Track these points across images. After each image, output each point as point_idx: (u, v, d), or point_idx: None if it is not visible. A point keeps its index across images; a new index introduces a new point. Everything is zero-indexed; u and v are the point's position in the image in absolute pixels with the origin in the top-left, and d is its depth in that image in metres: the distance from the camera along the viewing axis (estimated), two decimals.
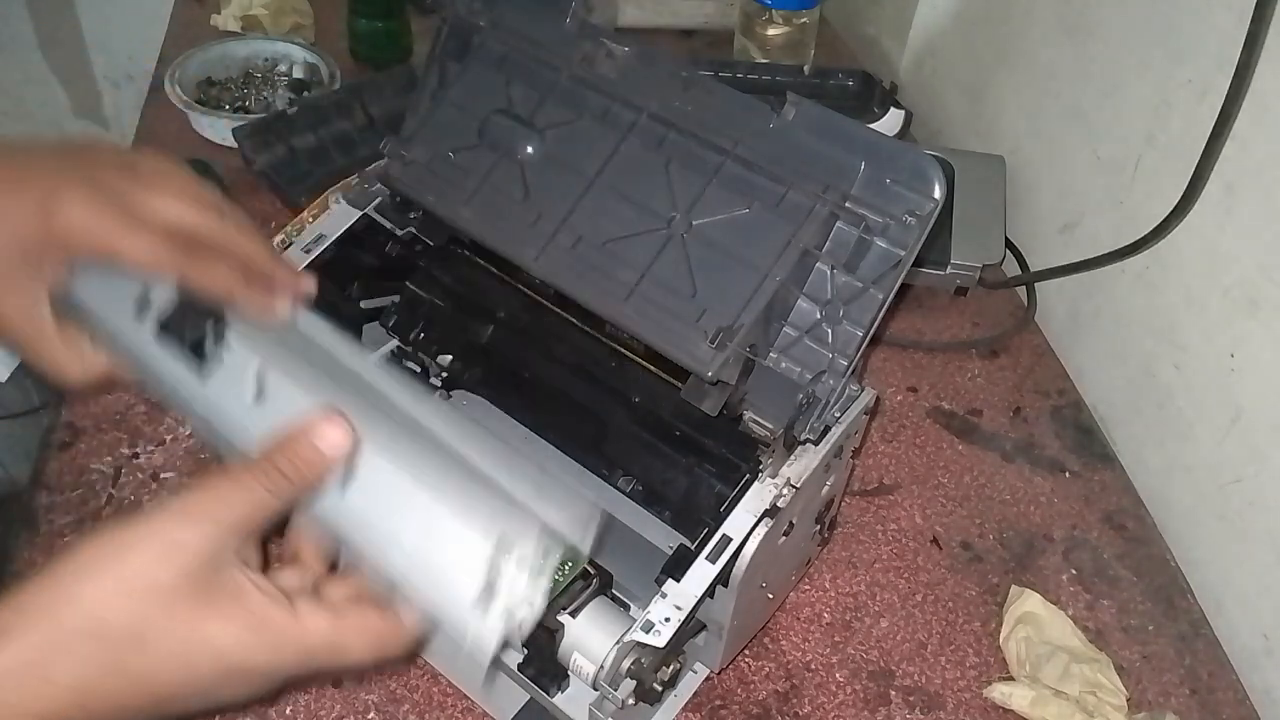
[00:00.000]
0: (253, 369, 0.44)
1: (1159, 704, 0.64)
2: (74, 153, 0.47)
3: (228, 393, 0.44)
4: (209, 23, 1.13)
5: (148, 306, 0.46)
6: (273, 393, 0.44)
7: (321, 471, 0.40)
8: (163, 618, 0.36)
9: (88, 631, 0.35)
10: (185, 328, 0.46)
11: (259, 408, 0.44)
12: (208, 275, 0.45)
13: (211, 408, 0.45)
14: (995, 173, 0.92)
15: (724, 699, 0.61)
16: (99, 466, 0.68)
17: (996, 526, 0.73)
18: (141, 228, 0.45)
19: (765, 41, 1.17)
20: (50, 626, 0.35)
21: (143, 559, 0.37)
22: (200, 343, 0.46)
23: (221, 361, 0.45)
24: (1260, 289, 0.67)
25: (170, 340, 0.46)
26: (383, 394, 0.45)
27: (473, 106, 0.58)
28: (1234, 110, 0.65)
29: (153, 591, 0.36)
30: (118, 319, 0.47)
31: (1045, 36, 0.92)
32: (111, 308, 0.47)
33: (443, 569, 0.40)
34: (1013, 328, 0.90)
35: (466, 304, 0.62)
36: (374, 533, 0.42)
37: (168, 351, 0.46)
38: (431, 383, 0.64)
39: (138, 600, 0.36)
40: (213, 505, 0.38)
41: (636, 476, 0.57)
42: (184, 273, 0.45)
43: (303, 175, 0.91)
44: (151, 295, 0.46)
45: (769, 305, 0.50)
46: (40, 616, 0.35)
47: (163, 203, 0.46)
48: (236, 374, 0.45)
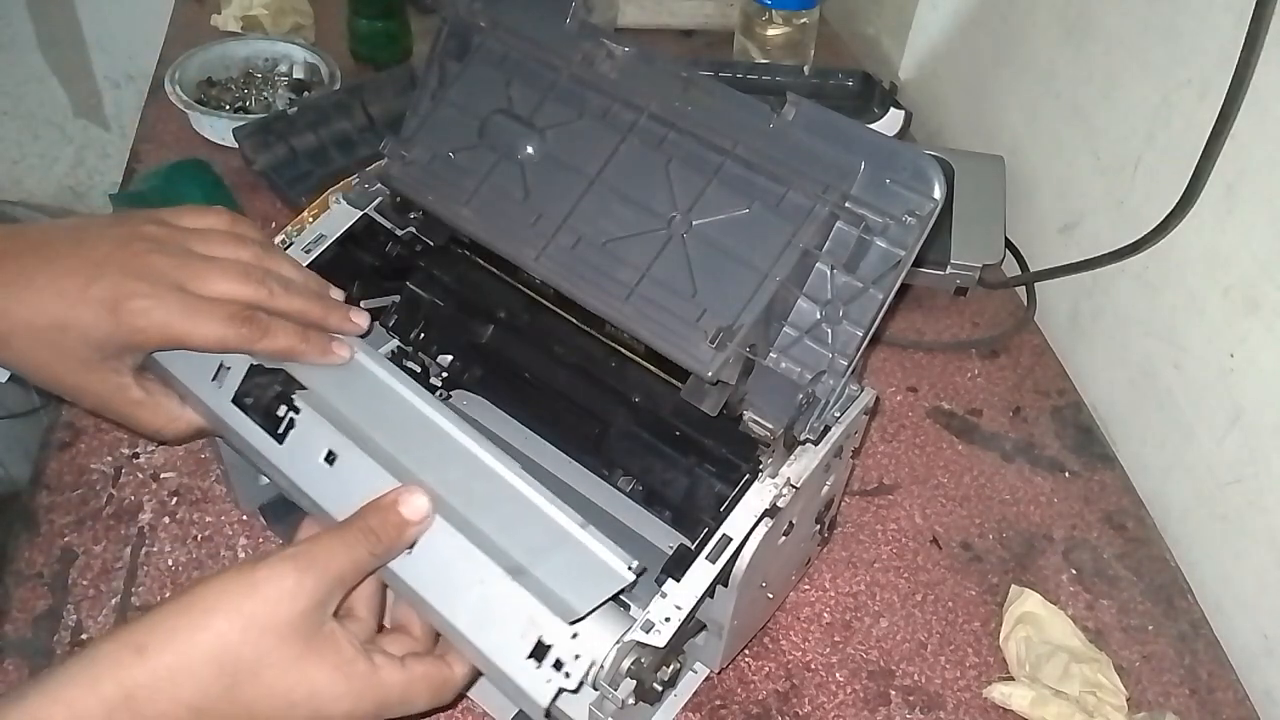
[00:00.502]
0: (324, 437, 0.50)
1: (1159, 704, 0.64)
2: (126, 240, 0.50)
3: (302, 455, 0.50)
4: (209, 23, 1.13)
5: (225, 373, 0.52)
6: (343, 457, 0.49)
7: (410, 535, 0.46)
8: (276, 653, 0.41)
9: (213, 658, 0.40)
10: (258, 394, 0.51)
11: (332, 471, 0.49)
12: (269, 344, 0.50)
13: (289, 468, 0.50)
14: (995, 173, 0.92)
15: (724, 699, 0.61)
16: (99, 466, 0.68)
17: (996, 526, 0.73)
18: (202, 315, 0.49)
19: (765, 41, 1.17)
20: (184, 649, 0.40)
21: (265, 597, 0.41)
22: (274, 408, 0.51)
23: (294, 426, 0.50)
24: (1260, 289, 0.67)
25: (245, 406, 0.51)
26: (441, 432, 0.50)
27: (473, 106, 0.58)
28: (1234, 110, 0.65)
29: (272, 628, 0.41)
30: (199, 386, 0.52)
31: (1045, 36, 0.92)
32: (193, 375, 0.52)
33: (497, 626, 0.45)
34: (1013, 328, 0.90)
35: (466, 304, 0.62)
36: (440, 592, 0.46)
37: (245, 416, 0.51)
38: (431, 383, 0.64)
39: (258, 634, 0.41)
40: (325, 557, 0.43)
41: (636, 476, 0.57)
42: (247, 348, 0.50)
43: (303, 175, 0.91)
44: (227, 362, 0.52)
45: (769, 305, 0.50)
46: (175, 639, 0.40)
47: (218, 280, 0.50)
48: (309, 439, 0.50)
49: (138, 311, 0.48)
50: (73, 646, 0.58)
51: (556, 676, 0.44)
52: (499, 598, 0.45)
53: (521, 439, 0.61)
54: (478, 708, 0.58)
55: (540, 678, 0.44)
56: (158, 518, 0.65)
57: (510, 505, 0.48)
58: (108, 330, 0.48)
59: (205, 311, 0.49)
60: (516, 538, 0.46)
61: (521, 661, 0.44)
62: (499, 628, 0.45)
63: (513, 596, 0.45)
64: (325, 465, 0.49)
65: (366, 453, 0.49)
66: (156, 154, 0.96)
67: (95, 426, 0.70)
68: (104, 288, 0.48)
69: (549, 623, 0.44)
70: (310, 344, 0.52)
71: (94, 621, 0.59)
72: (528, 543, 0.46)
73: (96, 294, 0.48)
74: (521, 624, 0.44)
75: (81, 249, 0.49)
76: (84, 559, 0.63)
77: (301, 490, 0.50)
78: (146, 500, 0.66)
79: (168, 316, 0.49)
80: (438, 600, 0.46)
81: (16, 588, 0.60)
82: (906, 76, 1.20)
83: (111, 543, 0.64)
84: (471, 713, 0.58)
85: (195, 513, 0.66)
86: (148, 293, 0.48)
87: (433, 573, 0.46)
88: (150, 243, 0.50)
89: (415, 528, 0.46)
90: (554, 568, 0.46)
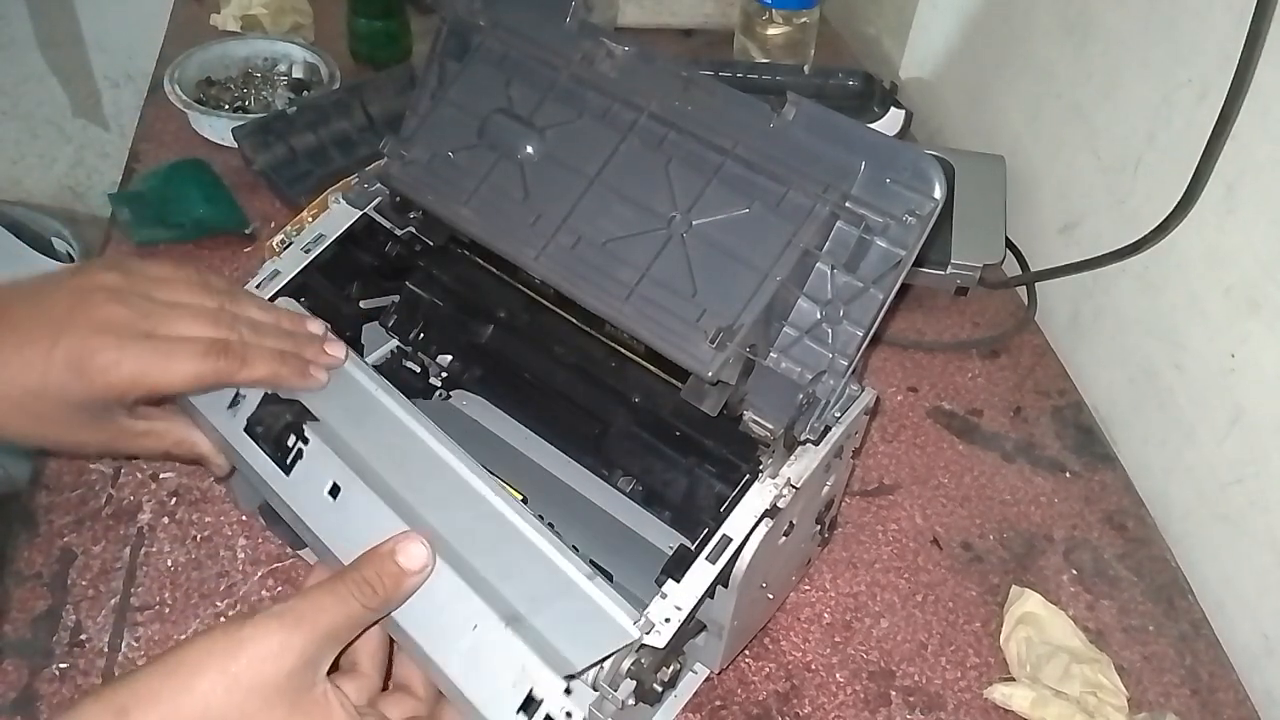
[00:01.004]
0: (329, 469, 0.49)
1: (1159, 704, 0.64)
2: (85, 292, 0.48)
3: (307, 487, 0.50)
4: (209, 22, 1.13)
5: (241, 401, 0.52)
6: (347, 490, 0.49)
7: (408, 586, 0.44)
8: (261, 716, 0.40)
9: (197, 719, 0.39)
10: (270, 422, 0.51)
11: (335, 504, 0.49)
12: (249, 373, 0.50)
13: (295, 500, 0.50)
14: (995, 173, 0.92)
15: (724, 699, 0.60)
16: (99, 466, 0.68)
17: (997, 527, 0.73)
18: (175, 356, 0.48)
19: (765, 41, 1.17)
20: (167, 712, 0.39)
21: (250, 657, 0.40)
22: (284, 438, 0.51)
23: (302, 457, 0.50)
24: (1261, 289, 0.67)
25: (256, 435, 0.51)
26: (450, 471, 0.49)
27: (473, 106, 0.58)
28: (1234, 110, 0.65)
29: (256, 689, 0.39)
30: (213, 413, 0.52)
31: (1045, 36, 0.92)
32: (207, 402, 0.53)
33: (489, 676, 0.44)
34: (1013, 328, 0.90)
35: (466, 304, 0.62)
36: (431, 636, 0.45)
37: (255, 445, 0.51)
38: (431, 383, 0.64)
39: (243, 695, 0.39)
40: (314, 613, 0.41)
41: (636, 477, 0.57)
42: (227, 380, 0.49)
43: (302, 175, 0.91)
44: (243, 391, 0.52)
45: (769, 305, 0.50)
46: (159, 703, 0.39)
47: (187, 323, 0.49)
48: (314, 470, 0.50)
49: (105, 367, 0.46)
50: (71, 647, 0.58)
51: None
52: (492, 645, 0.44)
53: (521, 439, 0.61)
54: None
55: None
56: (157, 518, 0.65)
57: (515, 550, 0.46)
58: (81, 391, 0.47)
59: (177, 352, 0.48)
60: (518, 584, 0.45)
61: (511, 715, 0.43)
62: (490, 677, 0.43)
63: (507, 645, 0.43)
64: (329, 498, 0.49)
65: (371, 487, 0.48)
66: (156, 154, 0.96)
67: None
68: (66, 349, 0.46)
69: (542, 675, 0.43)
70: (289, 366, 0.51)
71: (93, 622, 0.59)
72: (529, 590, 0.45)
73: (60, 357, 0.46)
74: (514, 674, 0.43)
75: (40, 309, 0.48)
76: (83, 559, 0.62)
77: (304, 524, 0.49)
78: (146, 500, 0.66)
79: (137, 366, 0.47)
80: (429, 645, 0.45)
81: (16, 588, 0.60)
82: (907, 76, 1.20)
83: (111, 543, 0.64)
84: None
85: (194, 513, 0.66)
86: (113, 345, 0.47)
87: (427, 616, 0.45)
88: (109, 292, 0.48)
89: (414, 578, 0.44)
90: (554, 618, 0.44)
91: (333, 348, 0.54)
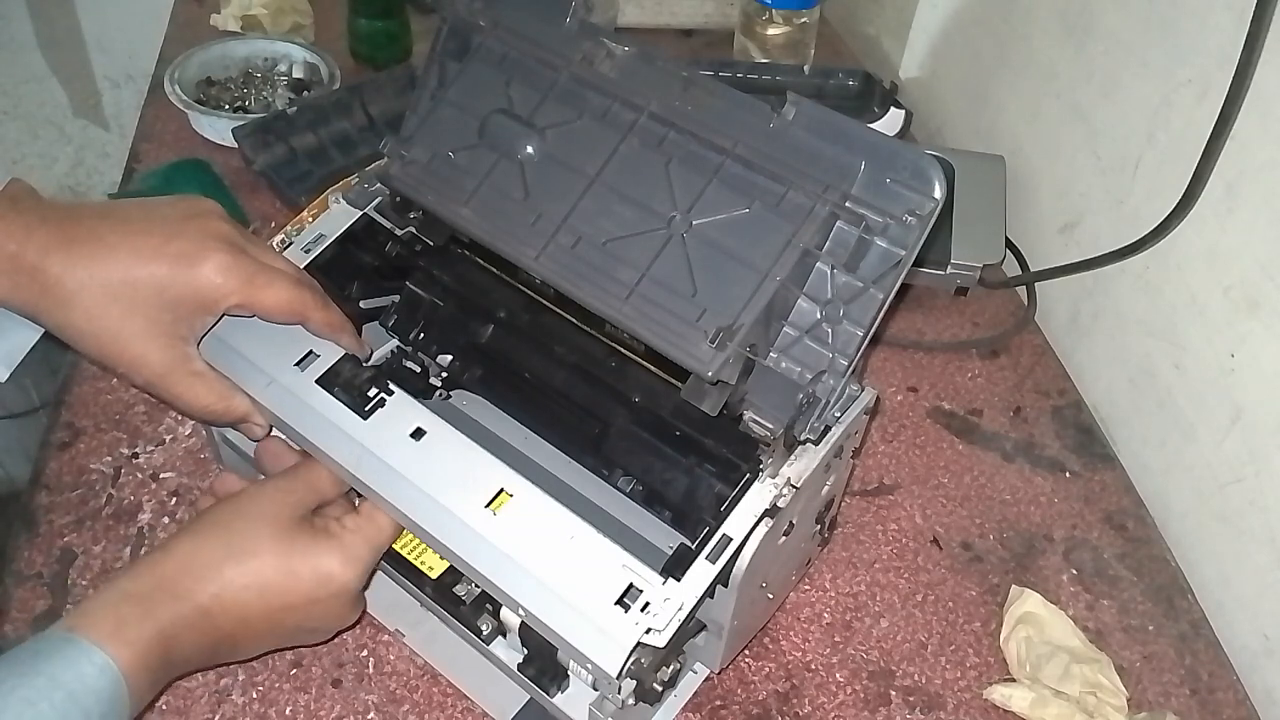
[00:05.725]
0: (415, 417, 0.52)
1: (1159, 704, 0.64)
2: (196, 212, 0.52)
3: (388, 431, 0.52)
4: (209, 22, 1.13)
5: (311, 360, 0.55)
6: (432, 433, 0.52)
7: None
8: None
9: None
10: (350, 376, 0.54)
11: (419, 445, 0.51)
12: (327, 314, 0.54)
13: (369, 440, 0.52)
14: (995, 173, 0.92)
15: (724, 699, 0.61)
16: (99, 466, 0.68)
17: (997, 526, 0.73)
18: (274, 281, 0.52)
19: (765, 41, 1.17)
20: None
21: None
22: (366, 389, 0.53)
23: (384, 404, 0.53)
24: (1261, 289, 0.67)
25: (332, 386, 0.54)
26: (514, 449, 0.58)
27: (473, 106, 0.58)
28: (1234, 110, 0.65)
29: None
30: (278, 370, 0.54)
31: (1046, 36, 0.92)
32: (272, 360, 0.54)
33: (587, 576, 0.47)
34: (1013, 328, 0.90)
35: (466, 304, 0.62)
36: (530, 551, 0.48)
37: (328, 395, 0.53)
38: (431, 383, 0.64)
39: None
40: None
41: (636, 476, 0.57)
42: (309, 314, 0.53)
43: (303, 175, 0.91)
44: (317, 350, 0.55)
45: (769, 305, 0.50)
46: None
47: (279, 260, 0.54)
48: (398, 417, 0.53)
49: (220, 267, 0.50)
50: None
51: (644, 618, 0.45)
52: (590, 548, 0.47)
53: (521, 439, 0.61)
54: (477, 708, 0.58)
55: (628, 621, 0.45)
56: (157, 518, 0.65)
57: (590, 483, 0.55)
58: (183, 286, 0.49)
59: (278, 278, 0.52)
60: (607, 501, 0.52)
61: (609, 608, 0.45)
62: (587, 577, 0.46)
63: (604, 547, 0.47)
64: (412, 440, 0.51)
65: (459, 430, 0.52)
66: (156, 154, 0.96)
67: (95, 427, 0.70)
68: (184, 244, 0.49)
69: (641, 569, 0.46)
70: (348, 327, 0.56)
71: None
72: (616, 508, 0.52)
73: (175, 249, 0.49)
74: (613, 571, 0.46)
75: (155, 213, 0.51)
76: (83, 559, 0.62)
77: (382, 461, 0.51)
78: (146, 500, 0.66)
79: (244, 275, 0.50)
80: (527, 560, 0.47)
81: (16, 588, 0.60)
82: (907, 76, 1.20)
83: (111, 543, 0.64)
84: (471, 713, 0.58)
85: (194, 513, 0.66)
86: (227, 251, 0.50)
87: (521, 533, 0.48)
88: (221, 217, 0.53)
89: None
90: (644, 524, 0.51)
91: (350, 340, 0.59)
